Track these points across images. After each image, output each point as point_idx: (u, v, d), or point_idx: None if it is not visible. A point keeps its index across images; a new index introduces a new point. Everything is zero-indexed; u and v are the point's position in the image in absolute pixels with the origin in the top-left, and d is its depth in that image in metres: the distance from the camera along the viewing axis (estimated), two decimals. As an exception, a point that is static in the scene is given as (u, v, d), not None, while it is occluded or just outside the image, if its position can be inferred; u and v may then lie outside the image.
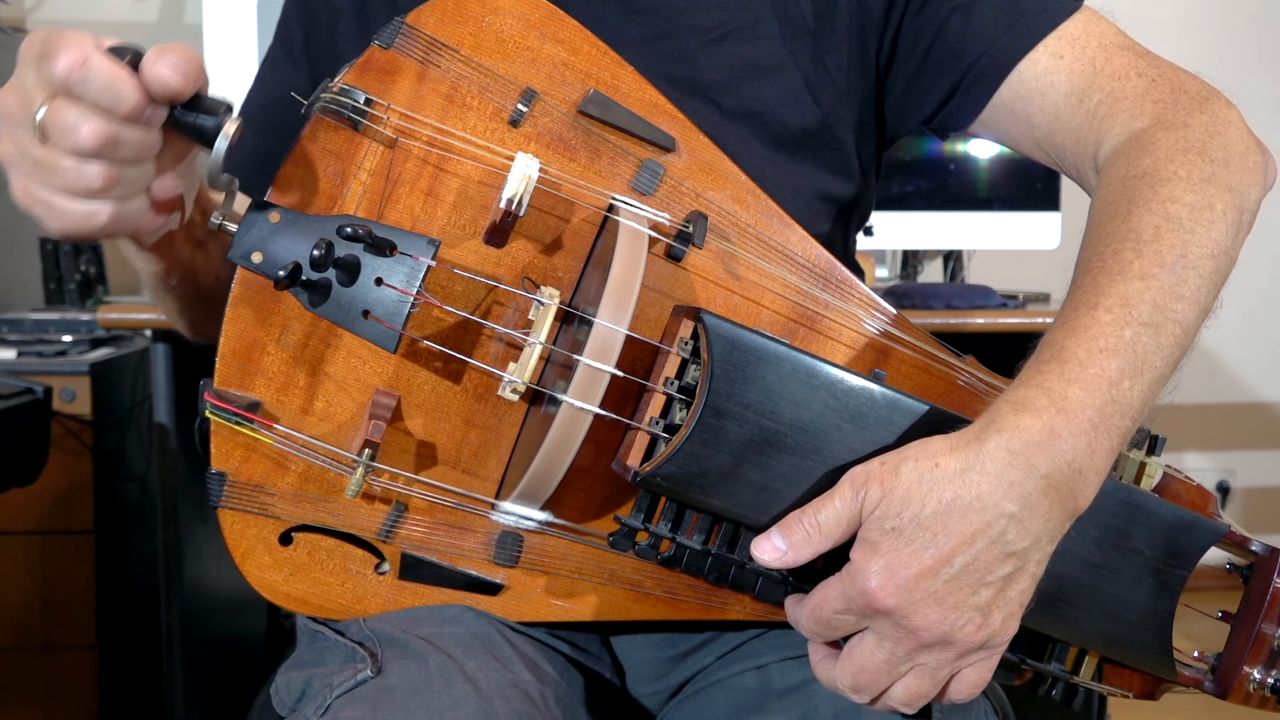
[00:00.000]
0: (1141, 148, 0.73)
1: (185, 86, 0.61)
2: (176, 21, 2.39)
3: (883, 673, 0.62)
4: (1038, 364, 0.64)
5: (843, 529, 0.62)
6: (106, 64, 0.59)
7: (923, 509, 0.60)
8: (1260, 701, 0.75)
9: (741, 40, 0.84)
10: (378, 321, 0.68)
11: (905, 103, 0.88)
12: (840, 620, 0.63)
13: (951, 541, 0.60)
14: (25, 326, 1.93)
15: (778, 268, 0.77)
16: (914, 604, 0.60)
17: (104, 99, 0.59)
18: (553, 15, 0.75)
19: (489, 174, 0.73)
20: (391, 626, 0.74)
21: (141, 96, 0.60)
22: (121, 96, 0.59)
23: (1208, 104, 0.76)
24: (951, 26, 0.83)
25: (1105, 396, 0.62)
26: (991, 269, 2.30)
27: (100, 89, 0.59)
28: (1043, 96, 0.81)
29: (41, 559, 1.81)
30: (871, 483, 0.61)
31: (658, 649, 0.85)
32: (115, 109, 0.59)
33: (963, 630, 0.61)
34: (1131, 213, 0.69)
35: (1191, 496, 0.75)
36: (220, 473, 0.73)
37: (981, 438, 0.61)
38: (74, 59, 0.58)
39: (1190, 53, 0.84)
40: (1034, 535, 0.61)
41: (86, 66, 0.58)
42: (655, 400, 0.68)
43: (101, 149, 0.60)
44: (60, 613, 1.82)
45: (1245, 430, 3.01)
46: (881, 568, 0.60)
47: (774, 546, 0.63)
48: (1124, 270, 0.66)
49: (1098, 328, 0.64)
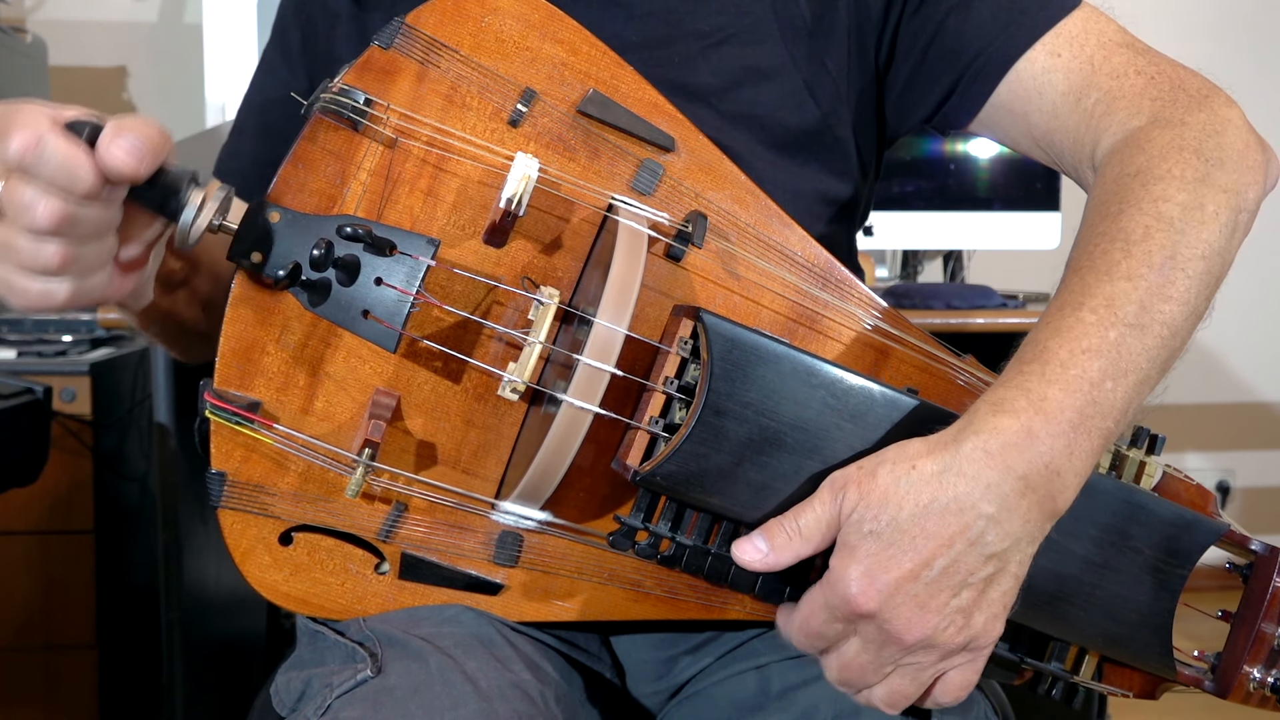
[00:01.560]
0: (1136, 146, 0.73)
1: (140, 169, 0.60)
2: (176, 21, 2.39)
3: (868, 670, 0.63)
4: (1019, 364, 0.64)
5: (822, 533, 0.63)
6: (61, 144, 0.58)
7: (900, 512, 0.60)
8: (1260, 701, 0.75)
9: (742, 44, 0.84)
10: (378, 321, 0.68)
11: (905, 102, 0.88)
12: (830, 630, 0.63)
13: (930, 544, 0.60)
14: (25, 326, 1.93)
15: (777, 267, 0.77)
16: (895, 608, 0.60)
17: (59, 179, 0.58)
18: (552, 15, 0.75)
19: (488, 174, 0.73)
20: (391, 626, 0.74)
21: (98, 177, 0.59)
22: (77, 178, 0.58)
23: (1207, 101, 0.75)
24: (949, 25, 0.83)
25: (1086, 398, 0.62)
26: (991, 269, 2.30)
27: (55, 170, 0.58)
28: (1040, 95, 0.80)
29: (41, 559, 1.81)
30: (849, 486, 0.61)
31: (658, 649, 0.85)
32: (71, 189, 0.58)
33: (945, 633, 0.61)
34: (1123, 212, 0.69)
35: (1191, 496, 0.75)
36: (220, 473, 0.73)
37: (959, 439, 0.61)
38: (28, 139, 0.57)
39: (1185, 51, 0.84)
40: (1013, 537, 0.61)
41: (40, 147, 0.57)
42: (655, 400, 0.68)
43: (58, 228, 0.59)
44: (60, 613, 1.82)
45: (1245, 430, 3.01)
46: (861, 573, 0.60)
47: (755, 548, 0.64)
48: (1111, 270, 0.66)
49: (1081, 328, 0.64)
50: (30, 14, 2.38)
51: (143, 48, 2.37)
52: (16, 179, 0.58)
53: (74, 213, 0.59)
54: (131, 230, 0.65)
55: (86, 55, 2.34)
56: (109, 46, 2.36)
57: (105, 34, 2.35)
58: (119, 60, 2.37)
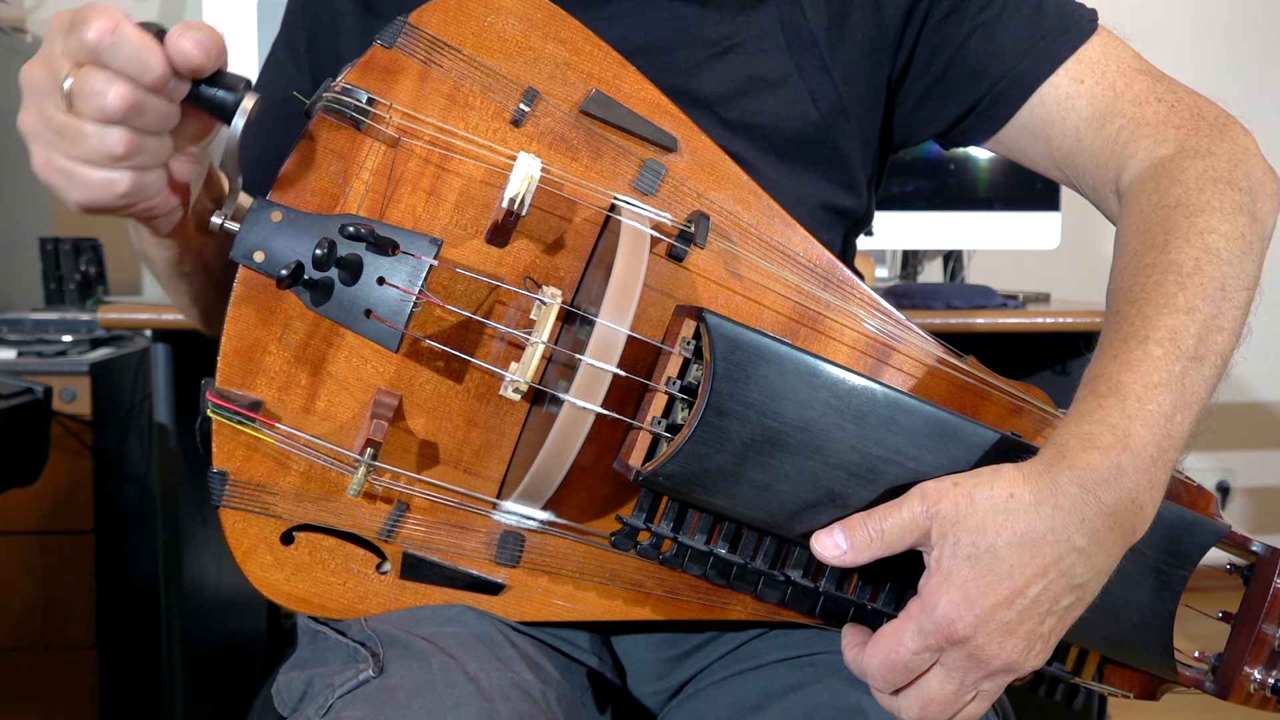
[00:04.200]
0: (1170, 176, 0.75)
1: (207, 62, 0.62)
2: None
3: (950, 702, 0.64)
4: (1095, 398, 0.66)
5: (907, 540, 0.64)
6: (136, 33, 0.60)
7: (998, 539, 0.61)
8: (1261, 702, 0.76)
9: (747, 54, 0.84)
10: (380, 321, 0.68)
11: (917, 117, 0.88)
12: (918, 661, 0.63)
13: (1026, 573, 0.61)
14: (25, 326, 1.93)
15: (779, 268, 0.77)
16: (989, 634, 0.62)
17: (131, 67, 0.60)
18: (555, 15, 0.75)
19: (491, 173, 0.73)
20: (393, 626, 0.74)
21: (167, 66, 0.61)
22: (148, 65, 0.60)
23: (1227, 131, 0.78)
24: (972, 45, 0.83)
25: (1162, 432, 0.64)
26: (991, 269, 2.30)
27: (128, 57, 0.60)
28: (1063, 120, 0.82)
29: (41, 559, 1.81)
30: (944, 502, 0.62)
31: (659, 649, 0.85)
32: (142, 77, 0.61)
33: (1025, 656, 0.63)
34: (1169, 243, 0.71)
35: (1192, 497, 0.75)
36: (222, 472, 0.73)
37: (1052, 471, 0.62)
38: (105, 25, 0.59)
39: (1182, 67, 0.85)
40: (1097, 569, 0.64)
41: (117, 33, 0.60)
42: (657, 400, 0.68)
43: (126, 115, 0.61)
44: (60, 613, 1.82)
45: (1245, 430, 3.01)
46: (959, 599, 0.61)
47: (835, 543, 0.65)
48: (1169, 303, 0.68)
49: (1150, 362, 0.66)
50: (30, 14, 2.37)
51: (143, 47, 2.37)
52: (90, 68, 0.61)
53: (142, 100, 0.61)
54: (181, 143, 0.67)
55: (87, 55, 2.34)
56: (109, 46, 2.35)
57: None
58: (119, 60, 2.36)
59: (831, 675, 0.76)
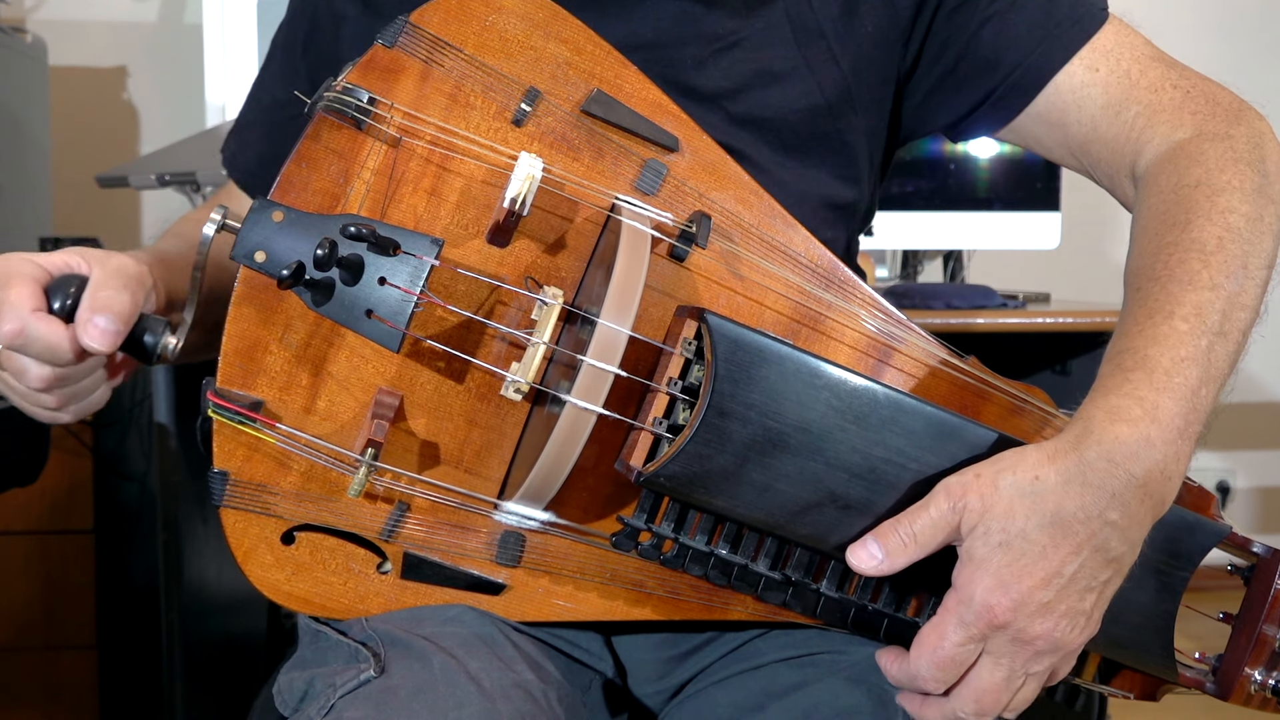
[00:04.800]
0: (1190, 158, 0.76)
1: (114, 346, 0.70)
2: (176, 21, 2.38)
3: (1003, 690, 0.64)
4: (1122, 371, 0.66)
5: (939, 538, 0.64)
6: (42, 329, 0.68)
7: (1028, 522, 0.62)
8: (1261, 703, 0.76)
9: (753, 47, 0.83)
10: (381, 321, 0.68)
11: (928, 108, 0.88)
12: (965, 653, 0.64)
13: (1061, 553, 0.62)
14: (25, 326, 1.93)
15: (781, 268, 0.77)
16: (1030, 616, 0.62)
17: (45, 356, 0.70)
18: (556, 14, 0.75)
19: (492, 173, 0.73)
20: (394, 626, 0.74)
21: (77, 352, 0.70)
22: (60, 353, 0.69)
23: (1242, 115, 0.78)
24: (985, 36, 0.83)
25: (1189, 404, 0.65)
26: (991, 269, 2.30)
27: (39, 351, 0.69)
28: (1079, 108, 0.82)
29: (41, 559, 1.81)
30: (969, 494, 0.62)
31: (659, 649, 0.85)
32: (57, 362, 0.70)
33: (1070, 634, 0.63)
34: (1191, 222, 0.72)
35: (1192, 498, 0.75)
36: (223, 472, 0.73)
37: (1080, 447, 0.63)
38: (10, 331, 0.68)
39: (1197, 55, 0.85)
40: (1131, 541, 0.64)
41: (24, 335, 0.68)
42: (659, 400, 0.68)
43: (49, 387, 0.72)
44: (60, 613, 1.82)
45: (1245, 430, 3.01)
46: (995, 584, 0.62)
47: (870, 554, 0.65)
48: (1193, 280, 0.69)
49: (1176, 337, 0.67)
50: (30, 14, 2.38)
51: (143, 48, 2.37)
52: (10, 353, 0.70)
53: (64, 374, 0.71)
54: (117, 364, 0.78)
55: (87, 55, 2.34)
56: (109, 46, 2.35)
57: (105, 34, 2.35)
58: (119, 60, 2.37)
59: (831, 675, 0.76)
